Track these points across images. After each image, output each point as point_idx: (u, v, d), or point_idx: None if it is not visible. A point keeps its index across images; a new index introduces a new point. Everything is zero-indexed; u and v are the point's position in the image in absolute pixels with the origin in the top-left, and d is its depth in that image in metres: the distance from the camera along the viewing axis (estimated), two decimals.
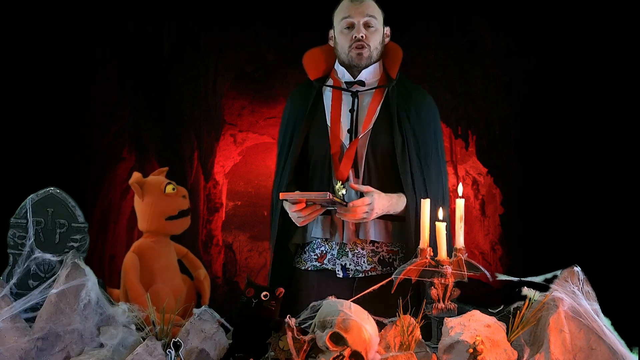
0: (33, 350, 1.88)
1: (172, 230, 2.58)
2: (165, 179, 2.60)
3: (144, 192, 2.54)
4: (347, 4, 2.46)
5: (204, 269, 2.66)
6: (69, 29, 5.62)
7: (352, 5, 2.45)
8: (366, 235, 2.40)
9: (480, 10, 6.17)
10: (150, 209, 2.53)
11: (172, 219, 2.55)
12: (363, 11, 2.43)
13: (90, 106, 6.32)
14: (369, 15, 2.44)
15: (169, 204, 2.54)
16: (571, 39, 5.59)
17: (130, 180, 2.55)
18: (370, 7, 2.46)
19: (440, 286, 1.96)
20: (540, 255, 5.88)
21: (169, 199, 2.54)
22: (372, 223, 2.40)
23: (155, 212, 2.53)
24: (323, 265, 2.45)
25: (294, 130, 2.49)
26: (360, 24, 2.43)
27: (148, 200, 2.53)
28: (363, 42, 2.43)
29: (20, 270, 2.09)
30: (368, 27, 2.44)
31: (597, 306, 1.89)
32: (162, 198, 2.54)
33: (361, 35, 2.42)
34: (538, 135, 6.18)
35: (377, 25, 2.45)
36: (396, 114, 2.43)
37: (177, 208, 2.55)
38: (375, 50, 2.46)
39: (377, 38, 2.46)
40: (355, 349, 1.71)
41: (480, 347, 1.73)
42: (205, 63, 6.93)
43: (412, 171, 2.39)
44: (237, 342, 1.90)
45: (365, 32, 2.43)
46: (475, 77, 6.68)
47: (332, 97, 2.50)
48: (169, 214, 2.54)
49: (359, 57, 2.44)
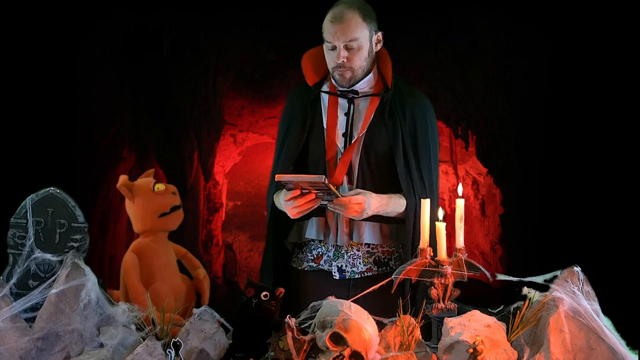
0: (33, 350, 1.88)
1: (167, 226, 2.58)
2: (152, 179, 2.60)
3: (134, 194, 2.54)
4: (328, 25, 2.41)
5: (203, 268, 2.66)
6: (69, 29, 5.61)
7: (332, 27, 2.39)
8: (360, 238, 2.40)
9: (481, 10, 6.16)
10: (142, 209, 2.53)
11: (165, 216, 2.55)
12: (344, 33, 2.38)
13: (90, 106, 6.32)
14: (349, 38, 2.38)
15: (160, 202, 2.54)
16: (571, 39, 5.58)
17: (117, 184, 2.55)
18: (351, 26, 2.38)
19: (440, 286, 1.96)
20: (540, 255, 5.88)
21: (159, 197, 2.55)
22: (366, 225, 2.40)
23: (147, 211, 2.53)
24: (319, 266, 2.45)
25: (291, 133, 2.50)
26: (341, 47, 2.39)
27: (139, 201, 2.54)
28: (344, 66, 2.40)
29: (20, 270, 2.09)
30: (350, 49, 2.40)
31: (597, 306, 1.89)
32: (152, 197, 2.54)
33: (342, 60, 2.39)
34: (538, 135, 6.17)
35: (360, 44, 2.40)
36: (391, 118, 2.42)
37: (168, 204, 2.55)
38: (360, 68, 2.43)
39: (361, 55, 2.42)
40: (355, 349, 1.71)
41: (480, 347, 1.73)
42: (205, 63, 6.92)
43: (410, 174, 2.39)
44: (237, 342, 1.90)
45: (347, 54, 2.39)
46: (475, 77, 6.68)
47: (328, 101, 2.50)
48: (161, 211, 2.54)
49: (342, 79, 2.43)
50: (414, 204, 2.35)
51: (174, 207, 2.58)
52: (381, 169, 2.40)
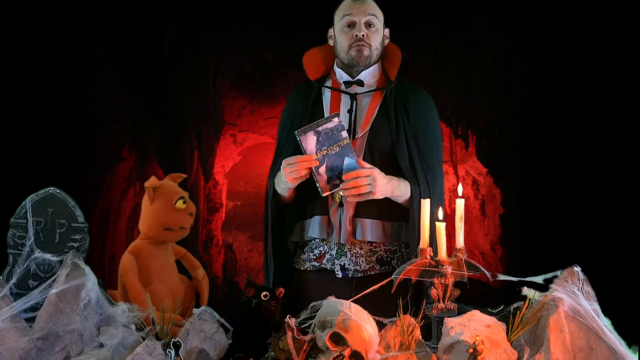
0: (33, 350, 1.88)
1: (167, 239, 2.58)
2: (179, 191, 2.58)
3: (155, 197, 2.53)
4: (348, 3, 2.45)
5: (203, 269, 2.66)
6: (69, 29, 5.62)
7: (354, 4, 2.44)
8: (363, 236, 2.39)
9: (480, 10, 6.17)
10: (155, 216, 2.52)
11: (170, 231, 2.54)
12: (365, 10, 2.42)
13: (90, 106, 6.33)
14: (371, 14, 2.43)
15: (173, 218, 2.53)
16: (571, 39, 5.59)
17: (146, 183, 2.53)
18: (372, 6, 2.45)
19: (440, 286, 1.96)
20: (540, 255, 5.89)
21: (176, 213, 2.53)
22: (369, 224, 2.40)
23: (158, 220, 2.52)
24: (322, 265, 2.44)
25: (292, 130, 2.49)
26: (362, 23, 2.42)
27: (156, 207, 2.52)
28: (364, 41, 2.42)
29: (20, 270, 2.09)
30: (369, 27, 2.43)
31: (597, 306, 1.89)
32: (170, 210, 2.53)
33: (362, 34, 2.41)
34: (538, 135, 6.18)
35: (378, 25, 2.44)
36: (394, 115, 2.42)
37: (179, 224, 2.54)
38: (375, 50, 2.45)
39: (377, 38, 2.45)
40: (355, 349, 1.71)
41: (480, 347, 1.73)
42: (205, 63, 6.93)
43: (415, 170, 2.38)
44: (237, 342, 1.90)
45: (367, 31, 2.42)
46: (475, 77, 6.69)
47: (330, 98, 2.49)
48: (169, 226, 2.53)
49: (358, 56, 2.43)
50: (419, 196, 2.34)
51: (183, 227, 2.57)
52: (385, 167, 2.39)
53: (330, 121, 2.28)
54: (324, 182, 2.27)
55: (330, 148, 2.28)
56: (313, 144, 2.27)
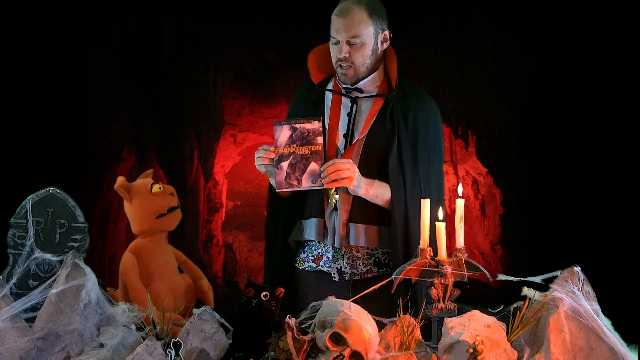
0: (33, 350, 1.88)
1: (164, 227, 2.57)
2: (151, 180, 2.59)
3: (132, 195, 2.53)
4: (333, 19, 2.38)
5: (206, 278, 2.65)
6: (69, 29, 5.62)
7: (337, 21, 2.36)
8: (357, 241, 2.39)
9: (480, 10, 6.17)
10: (140, 210, 2.52)
11: (162, 217, 2.54)
12: (347, 27, 2.34)
13: (90, 106, 6.33)
14: (352, 34, 2.34)
15: (157, 203, 2.53)
16: (571, 39, 5.59)
17: (115, 186, 2.54)
18: (355, 21, 2.34)
19: (440, 286, 1.96)
20: (540, 255, 5.89)
21: (157, 198, 2.53)
22: (362, 229, 2.39)
23: (145, 212, 2.52)
24: (319, 267, 2.45)
25: None
26: (344, 43, 2.35)
27: (136, 202, 2.53)
28: (347, 61, 2.37)
29: (20, 270, 2.09)
30: (352, 45, 2.36)
31: (597, 306, 1.89)
32: (150, 198, 2.53)
33: (343, 55, 2.36)
34: (538, 135, 6.18)
35: (362, 40, 2.36)
36: (390, 121, 2.40)
37: (166, 206, 2.54)
38: (362, 65, 2.39)
39: (363, 53, 2.37)
40: (355, 349, 1.71)
41: (480, 347, 1.73)
42: (205, 63, 6.93)
43: (403, 173, 2.37)
44: (237, 342, 1.90)
45: (349, 50, 2.36)
46: (475, 77, 6.69)
47: (332, 100, 2.48)
48: (158, 212, 2.53)
49: (344, 76, 2.40)
50: (402, 201, 2.33)
51: (172, 208, 2.57)
52: (379, 171, 2.38)
53: (310, 123, 2.28)
54: (282, 177, 2.29)
55: (299, 147, 2.29)
56: (285, 138, 2.28)
